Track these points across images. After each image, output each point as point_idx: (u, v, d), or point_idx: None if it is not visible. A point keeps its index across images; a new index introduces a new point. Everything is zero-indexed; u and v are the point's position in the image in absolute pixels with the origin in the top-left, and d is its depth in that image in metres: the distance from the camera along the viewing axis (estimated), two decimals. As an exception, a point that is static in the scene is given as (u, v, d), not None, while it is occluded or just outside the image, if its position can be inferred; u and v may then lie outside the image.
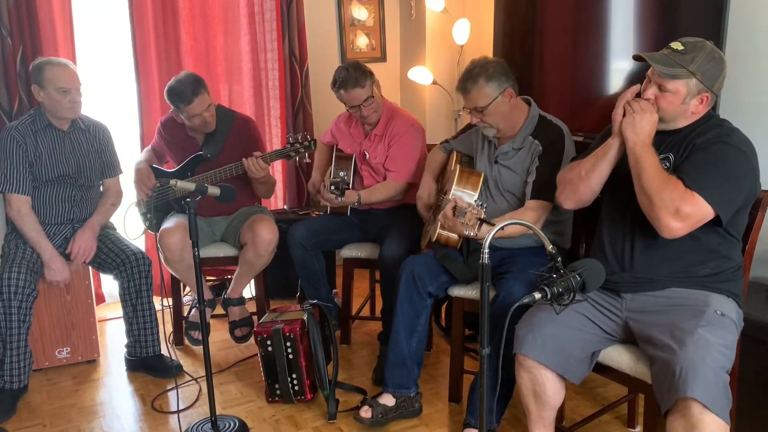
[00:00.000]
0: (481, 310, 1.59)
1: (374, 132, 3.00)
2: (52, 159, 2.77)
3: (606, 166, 1.93)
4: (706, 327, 1.71)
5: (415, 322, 2.48)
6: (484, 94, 2.34)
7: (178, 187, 2.27)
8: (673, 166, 1.86)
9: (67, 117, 2.76)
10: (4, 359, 2.64)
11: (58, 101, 2.69)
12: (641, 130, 1.81)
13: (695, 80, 1.79)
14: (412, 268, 2.47)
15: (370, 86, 2.87)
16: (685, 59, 1.79)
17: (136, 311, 2.89)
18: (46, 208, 2.82)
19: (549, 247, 1.65)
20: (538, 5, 3.19)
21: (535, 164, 2.34)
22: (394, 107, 3.07)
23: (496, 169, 2.48)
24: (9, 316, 2.61)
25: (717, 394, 1.60)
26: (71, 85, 2.70)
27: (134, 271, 2.85)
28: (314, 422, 2.52)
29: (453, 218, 2.07)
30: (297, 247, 2.99)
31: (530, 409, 2.01)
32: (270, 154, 2.88)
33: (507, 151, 2.43)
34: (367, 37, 4.35)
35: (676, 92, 1.81)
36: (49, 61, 2.74)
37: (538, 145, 2.36)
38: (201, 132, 3.01)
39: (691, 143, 1.84)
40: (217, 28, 3.76)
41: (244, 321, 3.13)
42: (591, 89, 2.92)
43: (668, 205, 1.73)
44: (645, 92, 1.86)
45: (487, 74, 2.33)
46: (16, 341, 2.64)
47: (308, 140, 2.82)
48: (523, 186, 2.39)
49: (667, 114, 1.85)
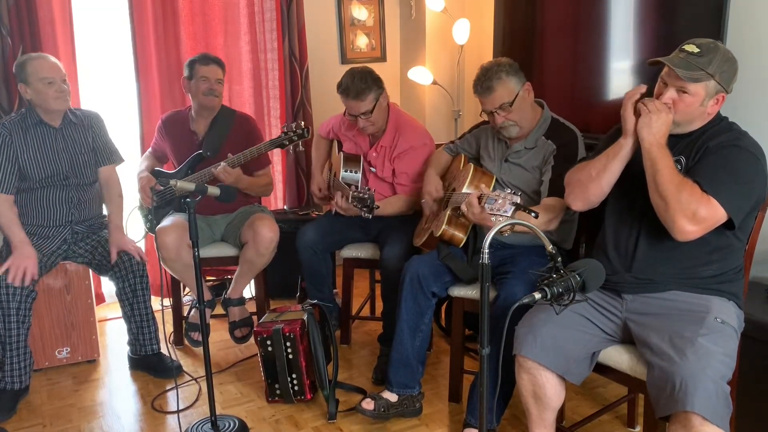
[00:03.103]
0: (481, 310, 1.59)
1: (380, 143, 2.94)
2: (43, 156, 2.74)
3: (618, 165, 1.92)
4: (707, 336, 1.70)
5: (419, 322, 2.49)
6: (508, 89, 2.36)
7: (178, 187, 2.27)
8: (685, 169, 1.86)
9: (56, 109, 2.72)
10: (4, 360, 2.64)
11: (44, 93, 2.66)
12: (658, 130, 1.80)
13: (714, 82, 1.80)
14: (417, 268, 2.47)
15: (373, 100, 2.80)
16: (702, 62, 1.79)
17: (134, 310, 2.89)
18: (42, 210, 2.80)
19: (549, 247, 1.65)
20: (538, 5, 3.19)
21: (550, 163, 2.35)
22: (404, 117, 2.99)
23: (506, 167, 2.49)
24: (8, 317, 2.60)
25: (717, 404, 1.60)
26: (54, 74, 2.68)
27: (128, 271, 2.83)
28: (314, 422, 2.52)
29: (479, 206, 2.04)
30: (307, 251, 2.96)
31: (530, 410, 2.01)
32: (264, 144, 2.87)
33: (519, 150, 2.45)
34: (367, 37, 4.35)
35: (696, 95, 1.81)
36: (28, 57, 2.73)
37: (551, 145, 2.37)
38: (206, 110, 3.03)
39: (703, 146, 1.84)
40: (217, 28, 3.76)
41: (243, 321, 3.13)
42: (591, 89, 2.92)
43: (685, 208, 1.73)
44: (663, 96, 1.84)
45: (506, 70, 2.36)
46: (16, 342, 2.63)
47: (302, 128, 2.81)
48: (534, 184, 2.40)
49: (685, 117, 1.84)
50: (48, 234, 2.81)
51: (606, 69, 2.83)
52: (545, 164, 2.38)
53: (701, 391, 1.59)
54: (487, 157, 2.59)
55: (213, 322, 3.27)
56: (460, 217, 2.48)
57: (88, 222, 2.92)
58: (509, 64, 2.39)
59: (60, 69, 2.73)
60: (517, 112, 2.39)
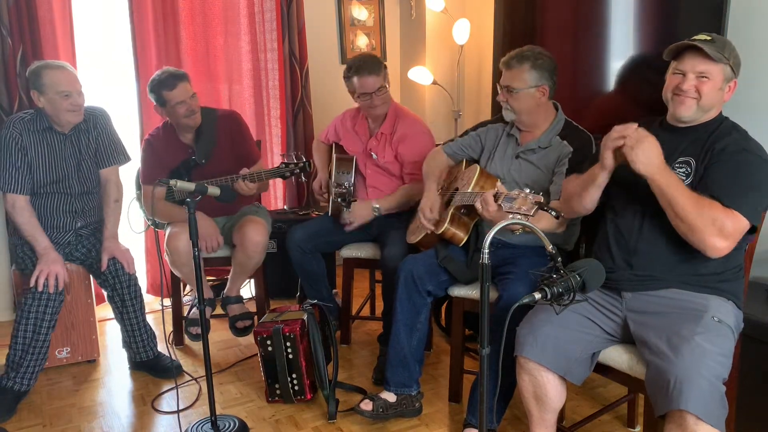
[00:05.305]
0: (481, 310, 1.58)
1: (380, 131, 3.00)
2: (50, 161, 2.74)
3: (596, 192, 1.97)
4: (703, 334, 1.70)
5: (415, 320, 2.48)
6: (521, 78, 2.36)
7: (178, 187, 2.27)
8: (695, 173, 1.86)
9: (69, 121, 2.71)
10: (22, 362, 2.63)
11: (59, 105, 2.64)
12: (650, 155, 1.78)
13: (729, 66, 1.84)
14: (411, 267, 2.47)
15: (384, 77, 2.90)
16: (718, 46, 1.83)
17: (124, 319, 2.89)
18: (46, 219, 2.79)
19: (549, 247, 1.65)
20: (538, 5, 3.19)
21: (564, 165, 2.34)
22: (400, 106, 3.08)
23: (517, 164, 2.47)
24: (41, 322, 2.61)
25: (712, 404, 1.60)
26: (72, 87, 2.66)
27: (117, 281, 2.81)
28: (314, 422, 2.52)
29: (494, 204, 2.04)
30: (295, 249, 3.00)
31: (532, 411, 2.01)
32: (266, 172, 2.85)
33: (533, 147, 2.44)
34: (367, 37, 4.35)
35: (717, 77, 1.84)
36: (46, 65, 2.68)
37: (567, 146, 2.37)
38: (189, 128, 2.96)
39: (710, 148, 1.85)
40: (217, 28, 3.77)
41: (244, 315, 3.13)
42: (591, 89, 2.92)
43: (710, 227, 1.73)
44: (684, 84, 1.85)
45: (534, 63, 2.35)
46: (41, 346, 2.64)
47: (303, 161, 2.81)
48: (543, 182, 2.40)
49: (707, 101, 1.86)
50: (52, 239, 2.78)
51: (606, 69, 2.83)
52: (558, 165, 2.37)
53: (695, 390, 1.59)
54: (497, 152, 2.57)
55: (213, 321, 3.27)
56: (464, 216, 2.48)
57: (93, 225, 2.92)
58: (544, 59, 2.36)
59: (76, 81, 2.70)
60: (517, 103, 2.38)
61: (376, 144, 3.02)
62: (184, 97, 2.85)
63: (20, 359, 2.64)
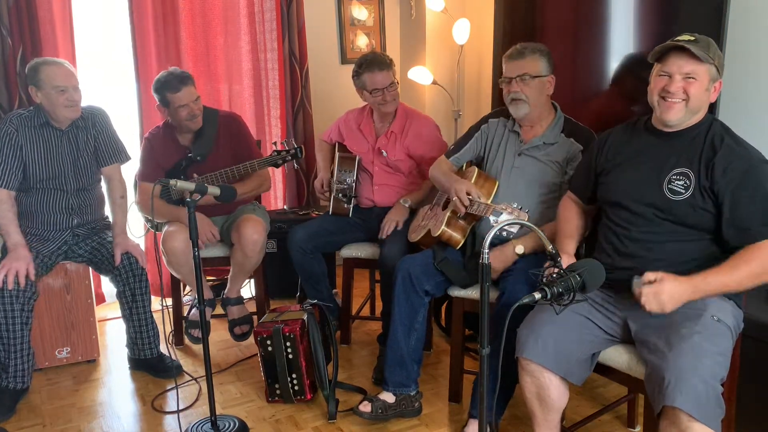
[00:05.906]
0: (481, 310, 1.58)
1: (390, 129, 3.01)
2: (46, 157, 2.74)
3: None
4: (702, 333, 1.70)
5: (413, 320, 2.48)
6: (536, 65, 2.39)
7: (178, 187, 2.27)
8: (694, 186, 1.84)
9: (66, 117, 2.72)
10: (8, 362, 2.64)
11: (55, 100, 2.65)
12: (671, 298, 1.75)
13: (714, 67, 1.83)
14: (408, 267, 2.47)
15: (394, 74, 2.93)
16: (703, 46, 1.82)
17: (132, 314, 2.89)
18: (43, 216, 2.79)
19: (549, 247, 1.65)
20: (538, 5, 3.19)
21: (577, 160, 2.36)
22: (408, 106, 3.11)
23: (520, 161, 2.47)
24: (12, 319, 2.60)
25: (706, 403, 1.59)
26: (67, 82, 2.67)
27: (129, 274, 2.82)
28: (314, 422, 2.52)
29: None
30: (296, 250, 2.99)
31: (535, 412, 2.01)
32: (258, 162, 2.85)
33: (537, 144, 2.44)
34: (367, 37, 4.35)
35: (703, 78, 1.83)
36: (44, 62, 2.70)
37: (575, 143, 2.39)
38: (189, 130, 2.97)
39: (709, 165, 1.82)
40: (217, 28, 3.77)
41: (243, 319, 3.13)
42: (591, 89, 2.92)
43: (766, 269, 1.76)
44: (671, 86, 1.84)
45: (543, 52, 2.41)
46: (20, 343, 2.63)
47: (294, 148, 2.79)
48: (549, 176, 2.42)
49: (695, 102, 1.85)
50: (48, 237, 2.81)
51: (606, 69, 2.82)
52: (569, 162, 2.39)
53: (689, 387, 1.59)
54: (499, 150, 2.56)
55: (213, 322, 3.27)
56: (461, 219, 2.48)
57: (90, 225, 2.92)
58: (548, 51, 2.44)
59: (73, 76, 2.71)
60: (532, 90, 2.39)
61: (386, 142, 3.02)
62: (188, 100, 2.85)
63: (5, 359, 2.64)
